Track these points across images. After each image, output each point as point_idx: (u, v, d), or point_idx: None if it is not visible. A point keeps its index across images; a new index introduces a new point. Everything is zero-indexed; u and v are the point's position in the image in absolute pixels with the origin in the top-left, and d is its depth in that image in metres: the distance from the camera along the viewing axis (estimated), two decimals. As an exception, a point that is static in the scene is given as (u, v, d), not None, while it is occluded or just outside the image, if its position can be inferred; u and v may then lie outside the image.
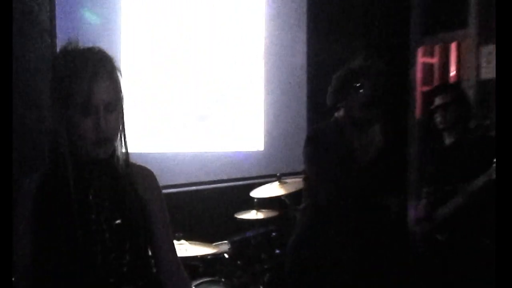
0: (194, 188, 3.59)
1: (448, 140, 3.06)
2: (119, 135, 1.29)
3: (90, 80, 1.20)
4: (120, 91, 1.28)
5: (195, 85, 3.67)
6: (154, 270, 1.38)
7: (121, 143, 1.31)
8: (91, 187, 1.24)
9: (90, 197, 1.24)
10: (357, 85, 2.23)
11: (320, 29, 4.47)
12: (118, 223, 1.25)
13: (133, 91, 3.32)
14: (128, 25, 3.31)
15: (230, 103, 3.89)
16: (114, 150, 1.30)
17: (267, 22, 4.14)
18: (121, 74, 1.29)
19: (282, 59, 4.23)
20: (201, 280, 2.81)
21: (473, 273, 2.87)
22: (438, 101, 2.99)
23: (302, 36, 4.38)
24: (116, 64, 1.29)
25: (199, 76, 3.69)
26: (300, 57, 4.36)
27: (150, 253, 1.38)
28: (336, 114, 2.36)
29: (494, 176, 2.65)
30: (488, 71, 4.45)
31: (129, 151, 1.33)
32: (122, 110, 1.29)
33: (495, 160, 2.68)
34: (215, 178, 3.70)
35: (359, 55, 2.58)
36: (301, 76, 4.37)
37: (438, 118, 2.99)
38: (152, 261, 1.38)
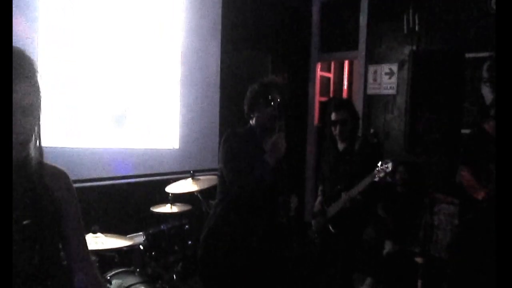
0: (112, 182, 3.44)
1: (340, 146, 3.27)
2: (33, 138, 1.19)
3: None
4: (38, 95, 1.17)
5: (114, 85, 3.52)
6: (65, 270, 1.28)
7: (36, 146, 1.21)
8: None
9: None
10: (268, 98, 2.31)
11: (233, 40, 4.52)
12: (27, 224, 1.15)
13: (52, 86, 3.11)
14: (47, 21, 3.09)
15: (149, 104, 3.80)
16: (28, 152, 1.19)
17: (185, 30, 4.09)
18: (40, 76, 1.18)
19: (197, 65, 4.21)
20: (116, 271, 2.71)
21: (357, 260, 3.10)
22: (334, 116, 3.17)
23: (216, 45, 4.39)
24: (36, 66, 1.17)
25: (119, 77, 3.55)
26: (214, 65, 4.36)
27: (61, 252, 1.29)
28: (250, 122, 2.43)
29: (376, 178, 2.88)
30: (373, 87, 4.79)
31: (49, 146, 1.22)
32: (39, 114, 1.18)
33: (379, 164, 2.91)
34: (132, 173, 3.58)
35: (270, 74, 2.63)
36: (215, 81, 4.38)
37: (335, 131, 3.18)
38: (64, 261, 1.28)
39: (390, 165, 2.83)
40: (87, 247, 1.41)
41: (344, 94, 5.85)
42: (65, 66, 3.20)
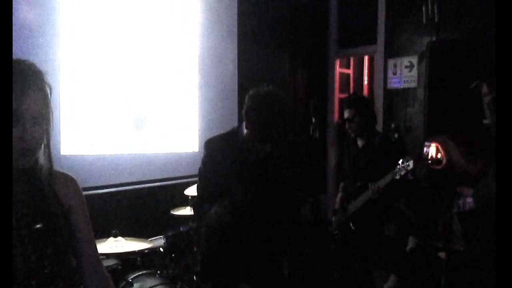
0: (132, 187, 3.52)
1: (360, 143, 3.26)
2: (42, 146, 1.25)
3: (19, 92, 1.15)
4: (48, 105, 1.23)
5: (133, 91, 3.60)
6: (76, 271, 1.35)
7: (45, 154, 1.27)
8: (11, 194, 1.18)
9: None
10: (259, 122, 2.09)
11: (250, 40, 4.53)
12: (39, 228, 1.21)
13: (71, 95, 3.21)
14: (66, 28, 3.18)
15: (168, 109, 3.86)
16: (36, 160, 1.26)
17: (202, 33, 4.14)
18: (50, 88, 1.25)
19: (215, 67, 4.25)
20: (138, 273, 2.77)
21: (377, 254, 3.05)
22: (345, 114, 3.19)
23: (233, 47, 4.42)
24: (46, 79, 1.24)
25: (138, 83, 3.63)
26: (231, 66, 4.39)
27: (72, 255, 1.34)
28: (241, 126, 2.25)
29: (397, 176, 2.83)
30: (393, 81, 4.71)
31: (69, 154, 1.29)
32: (49, 123, 1.25)
33: (400, 161, 2.86)
34: (152, 178, 3.65)
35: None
36: (233, 83, 4.40)
37: (348, 129, 3.19)
38: (74, 262, 1.34)
39: (411, 163, 2.79)
40: (96, 248, 1.47)
41: (365, 90, 5.76)
42: (83, 74, 3.29)
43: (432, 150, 1.78)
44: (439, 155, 1.73)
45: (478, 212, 1.74)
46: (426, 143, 1.96)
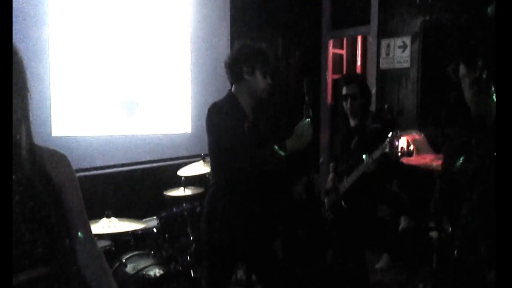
0: (126, 168, 3.49)
1: (352, 123, 3.22)
2: (20, 125, 1.18)
3: None
4: (22, 80, 1.17)
5: (126, 73, 3.54)
6: (69, 250, 1.32)
7: (24, 128, 1.20)
8: None
9: None
10: (263, 68, 2.19)
11: (242, 21, 4.46)
12: (30, 207, 1.17)
13: (62, 76, 3.15)
14: (57, 9, 3.10)
15: (160, 91, 3.81)
16: (15, 137, 1.18)
17: (194, 15, 4.06)
18: (20, 58, 1.17)
19: (207, 49, 4.18)
20: (131, 254, 2.77)
21: (369, 235, 3.06)
22: (345, 90, 3.12)
23: (226, 27, 4.35)
24: (20, 53, 1.17)
25: (130, 65, 3.57)
26: (224, 47, 4.32)
27: (65, 235, 1.30)
28: (232, 89, 2.30)
29: (387, 149, 2.80)
30: (386, 61, 4.67)
31: (63, 135, 1.24)
32: (26, 100, 1.18)
33: (389, 134, 2.83)
34: (145, 159, 3.62)
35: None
36: (225, 64, 4.34)
37: (346, 106, 3.13)
38: (67, 241, 1.31)
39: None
40: (90, 228, 1.43)
41: (358, 71, 5.73)
42: (77, 56, 3.22)
43: (402, 142, 1.79)
44: (411, 147, 1.74)
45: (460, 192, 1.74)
46: (396, 135, 1.99)
